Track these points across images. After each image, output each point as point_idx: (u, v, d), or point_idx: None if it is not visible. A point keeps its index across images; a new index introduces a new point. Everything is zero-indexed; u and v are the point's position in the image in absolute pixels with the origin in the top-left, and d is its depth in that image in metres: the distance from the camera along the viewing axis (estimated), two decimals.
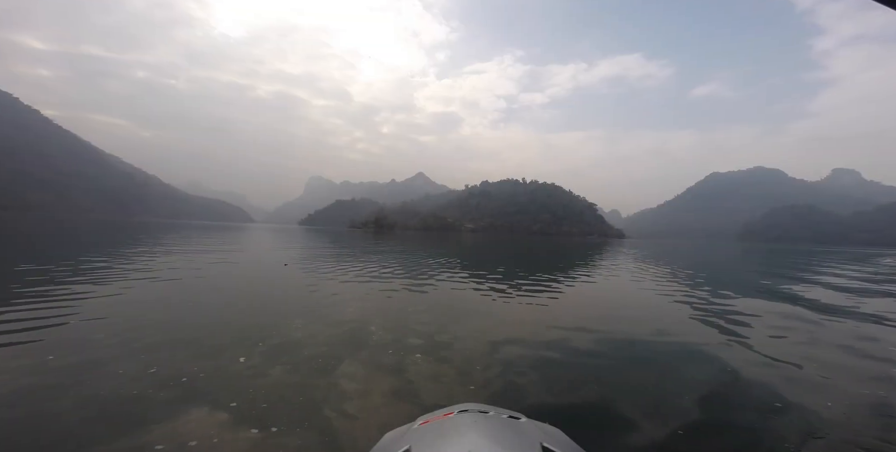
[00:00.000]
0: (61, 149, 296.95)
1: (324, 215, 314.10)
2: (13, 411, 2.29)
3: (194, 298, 5.75)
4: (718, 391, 2.92)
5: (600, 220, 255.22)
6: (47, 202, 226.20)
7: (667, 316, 5.91)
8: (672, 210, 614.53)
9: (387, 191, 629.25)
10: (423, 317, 5.09)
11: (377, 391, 2.68)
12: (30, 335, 3.68)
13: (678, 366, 3.48)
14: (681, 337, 4.53)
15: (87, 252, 11.93)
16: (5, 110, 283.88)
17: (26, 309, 4.51)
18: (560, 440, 0.83)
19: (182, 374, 2.83)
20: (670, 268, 14.60)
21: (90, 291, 5.76)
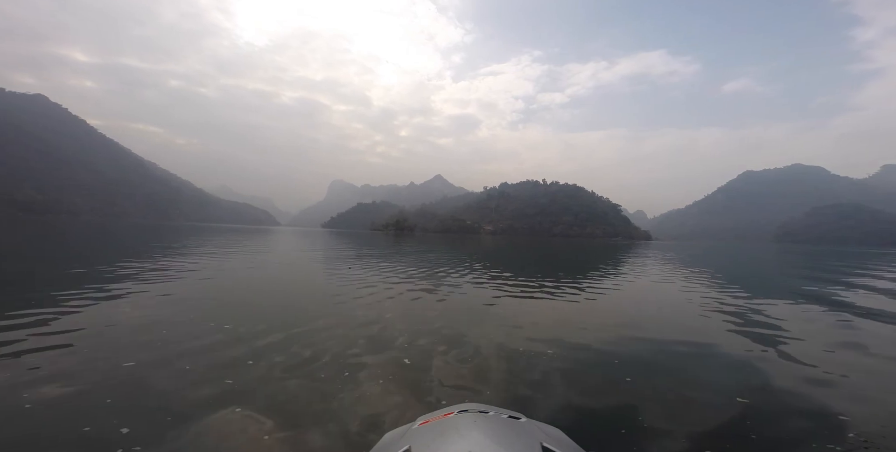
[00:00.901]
0: (106, 157, 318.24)
1: (346, 218, 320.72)
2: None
3: (244, 296, 6.10)
4: (749, 400, 2.72)
5: (625, 222, 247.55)
6: (95, 207, 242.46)
7: (697, 322, 5.53)
8: (702, 210, 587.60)
9: (406, 193, 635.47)
10: (444, 318, 5.08)
11: (393, 390, 2.67)
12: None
13: (706, 374, 3.29)
14: (711, 343, 4.30)
15: (178, 253, 12.99)
16: (57, 121, 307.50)
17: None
18: (560, 440, 0.84)
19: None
20: (702, 272, 13.84)
21: (190, 285, 6.65)
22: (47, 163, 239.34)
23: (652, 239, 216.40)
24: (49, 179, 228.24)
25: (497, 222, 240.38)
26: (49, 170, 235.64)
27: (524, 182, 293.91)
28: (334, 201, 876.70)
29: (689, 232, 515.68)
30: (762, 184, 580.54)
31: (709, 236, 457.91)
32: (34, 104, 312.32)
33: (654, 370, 3.33)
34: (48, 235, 21.82)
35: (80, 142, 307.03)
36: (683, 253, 30.43)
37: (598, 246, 44.53)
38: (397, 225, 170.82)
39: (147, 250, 14.44)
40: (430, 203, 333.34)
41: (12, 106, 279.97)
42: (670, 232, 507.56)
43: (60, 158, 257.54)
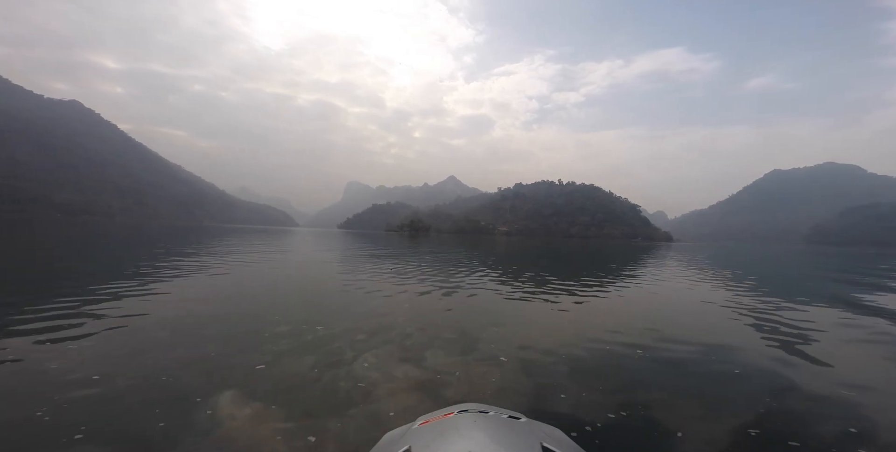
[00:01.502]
0: (136, 160, 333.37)
1: (361, 219, 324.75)
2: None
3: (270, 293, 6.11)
4: (773, 410, 2.59)
5: (645, 222, 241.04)
6: (127, 208, 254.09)
7: (720, 328, 5.10)
8: (726, 211, 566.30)
9: (419, 194, 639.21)
10: (456, 317, 4.95)
11: (401, 388, 2.66)
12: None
13: (726, 381, 3.12)
14: (733, 346, 4.10)
15: (224, 253, 13.41)
16: (91, 126, 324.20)
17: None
18: (560, 440, 0.83)
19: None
20: (727, 274, 12.96)
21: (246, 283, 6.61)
22: (83, 167, 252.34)
23: (673, 240, 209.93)
24: (85, 182, 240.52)
25: (512, 223, 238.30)
26: (85, 173, 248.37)
27: (539, 182, 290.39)
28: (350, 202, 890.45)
29: (711, 233, 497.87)
30: (791, 183, 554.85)
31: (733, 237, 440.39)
32: (70, 110, 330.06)
33: (671, 372, 3.23)
34: (94, 236, 23.04)
35: (113, 146, 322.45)
36: (707, 255, 29.06)
37: (616, 248, 43.22)
38: (412, 225, 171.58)
39: (195, 250, 15.16)
40: (444, 204, 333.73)
41: (50, 112, 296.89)
42: (692, 234, 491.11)
43: (95, 162, 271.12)
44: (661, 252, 33.77)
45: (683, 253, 33.65)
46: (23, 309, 4.53)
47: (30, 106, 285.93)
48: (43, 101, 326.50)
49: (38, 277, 7.15)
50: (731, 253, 37.17)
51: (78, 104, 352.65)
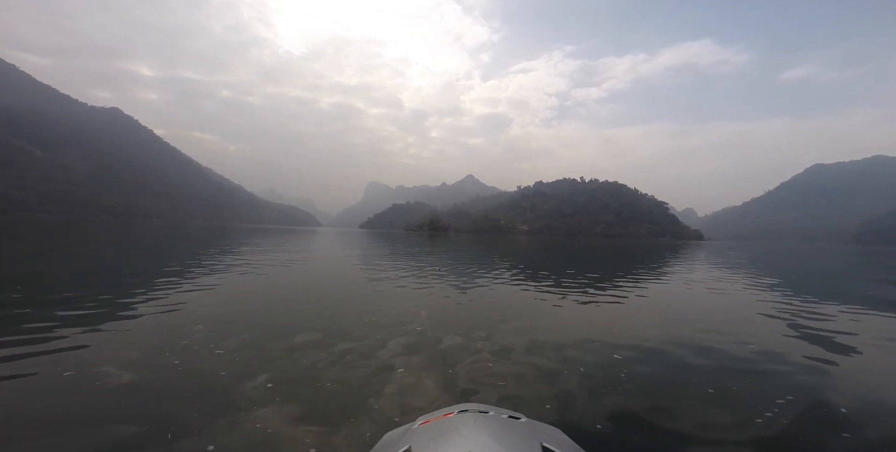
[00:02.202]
0: (171, 164, 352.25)
1: (382, 219, 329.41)
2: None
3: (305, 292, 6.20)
4: (804, 419, 2.45)
5: (673, 220, 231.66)
6: (163, 210, 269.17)
7: (753, 333, 4.66)
8: (762, 207, 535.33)
9: (438, 194, 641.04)
10: (473, 315, 4.93)
11: (418, 386, 2.68)
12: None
13: (753, 389, 2.90)
14: (766, 356, 3.74)
15: (269, 252, 14.00)
16: (130, 132, 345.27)
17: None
18: (560, 440, 0.83)
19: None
20: (763, 276, 12.06)
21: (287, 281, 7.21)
22: (124, 171, 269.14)
23: (704, 238, 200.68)
24: (126, 185, 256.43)
25: (532, 222, 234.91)
26: (126, 176, 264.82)
27: (560, 180, 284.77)
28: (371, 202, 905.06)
29: (746, 231, 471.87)
30: (836, 178, 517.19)
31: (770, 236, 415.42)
32: (111, 117, 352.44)
33: (688, 378, 3.06)
34: (141, 236, 24.42)
35: (150, 150, 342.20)
36: (741, 255, 27.44)
37: (642, 247, 41.67)
38: (431, 225, 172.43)
39: (236, 249, 15.95)
40: (463, 203, 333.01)
41: (94, 119, 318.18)
42: (724, 232, 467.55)
43: (134, 166, 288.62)
44: (690, 251, 32.17)
45: (715, 252, 31.95)
46: (82, 302, 4.89)
47: (76, 114, 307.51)
48: (87, 109, 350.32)
49: (95, 274, 7.67)
50: (767, 253, 34.95)
51: (118, 111, 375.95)
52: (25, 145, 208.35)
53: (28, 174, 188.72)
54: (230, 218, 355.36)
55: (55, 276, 7.16)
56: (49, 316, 4.12)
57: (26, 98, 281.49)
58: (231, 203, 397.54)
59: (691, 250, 35.20)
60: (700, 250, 36.36)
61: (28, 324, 3.80)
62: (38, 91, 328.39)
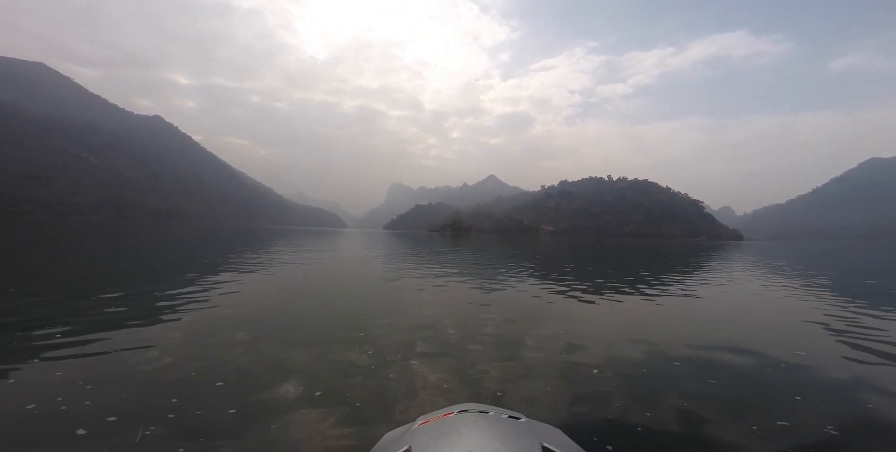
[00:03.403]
0: (208, 168, 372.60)
1: (405, 220, 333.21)
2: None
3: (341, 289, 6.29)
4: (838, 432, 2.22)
5: (709, 220, 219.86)
6: (202, 212, 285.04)
7: (797, 340, 4.33)
8: (809, 205, 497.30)
9: (459, 194, 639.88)
10: (500, 318, 4.86)
11: (437, 386, 2.67)
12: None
13: (795, 402, 2.62)
14: (813, 367, 3.33)
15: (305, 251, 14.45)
16: (170, 138, 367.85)
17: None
18: (560, 440, 0.83)
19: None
20: (813, 278, 10.94)
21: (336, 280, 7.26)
22: (166, 176, 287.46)
23: (743, 238, 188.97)
24: (168, 189, 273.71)
25: (558, 221, 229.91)
26: (168, 181, 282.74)
27: (586, 179, 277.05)
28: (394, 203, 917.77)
29: (791, 230, 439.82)
30: (894, 172, 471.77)
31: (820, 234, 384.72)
32: (153, 124, 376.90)
33: (731, 392, 2.76)
34: (190, 237, 26.18)
35: (189, 156, 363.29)
36: (787, 254, 25.39)
37: (675, 247, 39.56)
38: (453, 226, 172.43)
39: (283, 248, 16.94)
40: (485, 203, 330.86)
41: (138, 126, 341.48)
42: (766, 231, 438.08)
43: (175, 171, 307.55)
44: (728, 252, 30.03)
45: (757, 252, 29.74)
46: (132, 299, 5.19)
47: (123, 122, 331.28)
48: (132, 117, 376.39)
49: (145, 272, 8.18)
50: (818, 252, 31.98)
51: (160, 119, 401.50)
52: (80, 152, 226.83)
53: (83, 180, 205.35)
54: (262, 220, 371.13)
55: (111, 274, 7.75)
56: (98, 312, 4.47)
57: (80, 108, 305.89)
58: (263, 205, 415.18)
59: (729, 250, 32.95)
60: (740, 250, 34.01)
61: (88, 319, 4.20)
62: (90, 101, 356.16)
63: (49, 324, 3.83)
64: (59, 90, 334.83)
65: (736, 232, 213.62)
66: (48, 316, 4.20)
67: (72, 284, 6.54)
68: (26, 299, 5.03)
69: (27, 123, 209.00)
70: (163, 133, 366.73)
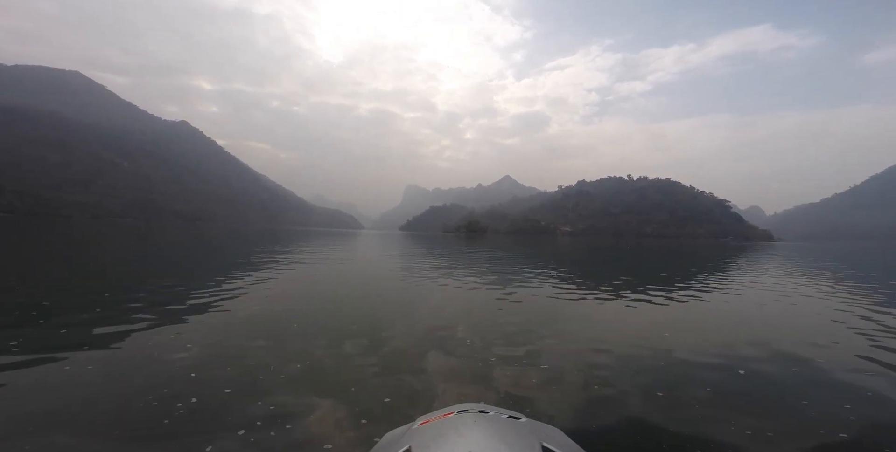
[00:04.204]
0: (232, 172, 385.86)
1: (420, 221, 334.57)
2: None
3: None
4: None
5: (736, 220, 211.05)
6: (227, 215, 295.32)
7: (828, 344, 4.04)
8: (846, 204, 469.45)
9: (474, 195, 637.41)
10: (516, 319, 4.78)
11: (450, 386, 2.68)
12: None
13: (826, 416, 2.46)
14: (849, 381, 3.02)
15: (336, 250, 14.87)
16: (197, 143, 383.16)
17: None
18: (560, 440, 0.83)
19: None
20: (855, 281, 10.14)
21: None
22: (193, 179, 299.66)
23: (774, 239, 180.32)
24: (195, 192, 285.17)
25: (575, 222, 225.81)
26: (194, 184, 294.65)
27: (605, 178, 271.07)
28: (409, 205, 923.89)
29: (827, 230, 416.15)
30: None
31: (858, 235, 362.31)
32: (180, 129, 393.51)
33: (757, 403, 2.59)
34: (222, 238, 27.43)
35: (214, 160, 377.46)
36: (823, 256, 23.92)
37: (699, 248, 38.12)
38: (469, 226, 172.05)
39: (307, 248, 17.51)
40: (500, 204, 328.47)
41: (167, 132, 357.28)
42: (798, 231, 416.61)
43: (200, 175, 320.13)
44: (757, 253, 28.60)
45: (786, 254, 28.09)
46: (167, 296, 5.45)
47: (153, 128, 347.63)
48: (161, 123, 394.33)
49: (174, 272, 8.61)
50: (858, 254, 29.79)
51: (186, 124, 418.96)
52: (114, 157, 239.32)
53: (116, 184, 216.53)
54: (284, 221, 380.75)
55: (149, 272, 8.17)
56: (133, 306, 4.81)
57: (113, 115, 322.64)
58: (284, 207, 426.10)
59: (759, 252, 31.41)
60: (769, 251, 32.38)
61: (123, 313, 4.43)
62: (122, 108, 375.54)
63: (89, 316, 4.23)
64: (95, 97, 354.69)
65: (766, 232, 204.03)
66: (91, 308, 4.66)
67: (120, 282, 6.88)
68: (89, 297, 5.44)
69: (68, 130, 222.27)
70: (189, 138, 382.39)
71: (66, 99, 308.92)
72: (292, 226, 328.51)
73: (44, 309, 4.43)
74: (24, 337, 3.45)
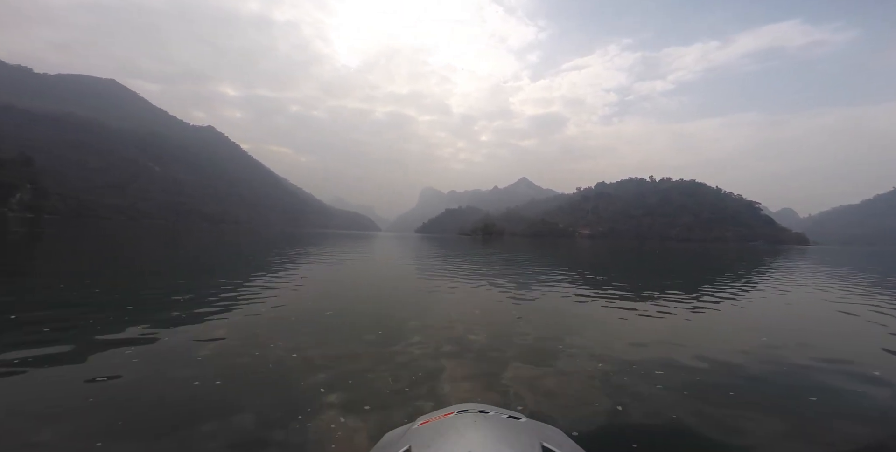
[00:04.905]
0: (255, 175, 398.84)
1: (436, 223, 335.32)
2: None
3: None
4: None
5: (767, 222, 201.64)
6: (250, 217, 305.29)
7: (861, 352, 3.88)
8: (889, 206, 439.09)
9: (489, 197, 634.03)
10: (534, 328, 4.56)
11: (460, 387, 2.69)
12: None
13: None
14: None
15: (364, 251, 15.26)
16: (222, 147, 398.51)
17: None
18: (560, 440, 0.83)
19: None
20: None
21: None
22: (219, 183, 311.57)
23: (809, 243, 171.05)
24: (220, 195, 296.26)
25: (595, 225, 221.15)
26: (220, 188, 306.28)
27: (626, 180, 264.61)
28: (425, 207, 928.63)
29: (868, 233, 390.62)
30: None
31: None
32: (207, 134, 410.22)
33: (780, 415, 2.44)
34: (250, 239, 28.69)
35: (238, 164, 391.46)
36: (868, 262, 22.35)
37: (728, 252, 36.65)
38: (485, 229, 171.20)
39: (329, 249, 18.05)
40: (517, 206, 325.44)
41: (195, 137, 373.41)
42: (838, 235, 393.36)
43: (227, 178, 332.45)
44: (790, 258, 26.84)
45: (827, 259, 26.28)
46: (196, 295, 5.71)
47: (182, 133, 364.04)
48: (189, 128, 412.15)
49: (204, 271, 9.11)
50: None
51: (213, 129, 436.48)
52: (148, 162, 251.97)
53: (150, 187, 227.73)
54: (303, 224, 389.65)
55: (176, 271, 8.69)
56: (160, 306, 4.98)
57: (147, 121, 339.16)
58: (305, 210, 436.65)
59: (792, 256, 29.56)
60: (804, 256, 30.41)
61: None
62: (154, 114, 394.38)
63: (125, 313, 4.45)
64: (129, 104, 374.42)
65: (800, 235, 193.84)
66: (131, 304, 4.90)
67: (174, 278, 7.39)
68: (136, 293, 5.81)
69: (106, 137, 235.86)
70: (215, 142, 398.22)
71: (105, 106, 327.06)
72: (312, 228, 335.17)
73: (121, 301, 5.09)
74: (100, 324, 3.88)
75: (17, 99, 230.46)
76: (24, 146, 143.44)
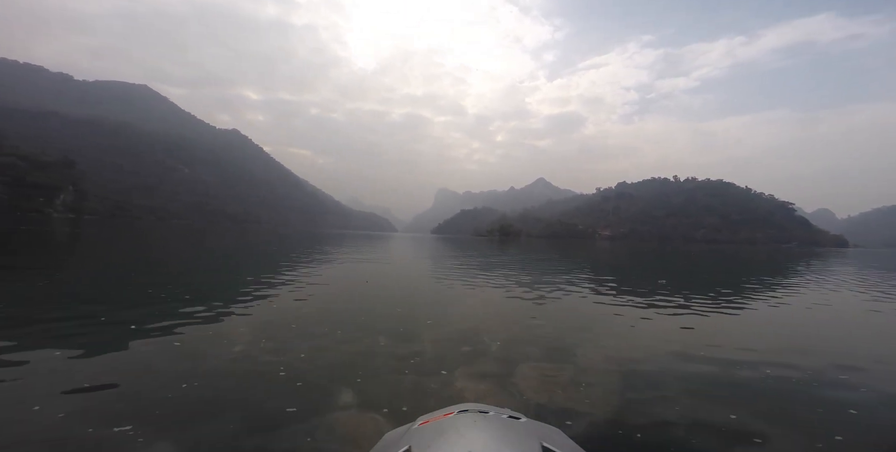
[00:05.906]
0: (276, 177, 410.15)
1: (451, 224, 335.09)
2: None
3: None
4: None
5: (802, 224, 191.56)
6: (271, 218, 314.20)
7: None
8: None
9: (505, 198, 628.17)
10: (551, 333, 4.45)
11: (474, 388, 2.69)
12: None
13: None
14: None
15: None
16: (246, 150, 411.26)
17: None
18: (560, 440, 0.83)
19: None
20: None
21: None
22: (242, 184, 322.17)
23: (848, 245, 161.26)
24: (243, 196, 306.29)
25: (616, 226, 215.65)
26: (243, 189, 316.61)
27: (648, 180, 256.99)
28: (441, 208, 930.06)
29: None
30: None
31: None
32: (232, 137, 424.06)
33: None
34: (275, 238, 29.80)
35: (261, 165, 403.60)
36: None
37: (758, 254, 34.80)
38: (502, 230, 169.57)
39: (348, 249, 18.79)
40: (533, 207, 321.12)
41: (220, 140, 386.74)
42: (881, 236, 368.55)
43: (250, 180, 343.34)
44: (828, 262, 24.91)
45: (870, 263, 24.65)
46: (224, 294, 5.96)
47: (208, 136, 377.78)
48: (215, 131, 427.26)
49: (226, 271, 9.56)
50: None
51: (237, 132, 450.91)
52: (176, 165, 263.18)
53: (178, 188, 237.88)
54: (322, 224, 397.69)
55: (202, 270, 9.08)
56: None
57: (175, 124, 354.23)
58: (324, 211, 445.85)
59: (830, 260, 27.55)
60: (843, 260, 28.30)
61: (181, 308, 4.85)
62: (182, 118, 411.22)
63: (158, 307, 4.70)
64: (159, 109, 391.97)
65: (839, 237, 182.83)
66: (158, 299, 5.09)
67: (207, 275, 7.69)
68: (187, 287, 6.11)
69: (138, 140, 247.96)
70: (239, 145, 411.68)
71: (136, 110, 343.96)
72: (331, 228, 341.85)
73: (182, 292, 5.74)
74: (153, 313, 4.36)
75: (59, 105, 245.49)
76: (66, 149, 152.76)
